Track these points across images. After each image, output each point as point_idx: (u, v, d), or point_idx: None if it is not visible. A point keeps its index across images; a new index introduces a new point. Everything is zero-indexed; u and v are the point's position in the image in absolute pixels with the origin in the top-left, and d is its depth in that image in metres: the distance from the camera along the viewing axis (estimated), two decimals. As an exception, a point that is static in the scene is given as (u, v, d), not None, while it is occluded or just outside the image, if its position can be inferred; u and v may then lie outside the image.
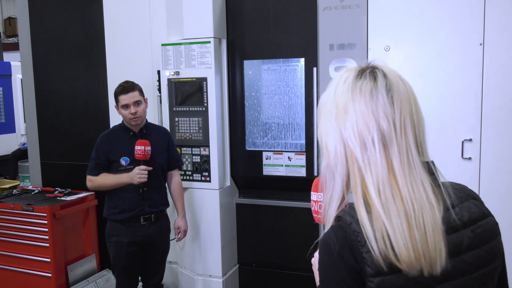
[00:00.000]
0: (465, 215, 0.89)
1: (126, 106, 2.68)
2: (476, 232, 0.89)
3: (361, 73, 0.91)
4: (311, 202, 1.08)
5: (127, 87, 2.70)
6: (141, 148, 2.64)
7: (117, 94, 2.71)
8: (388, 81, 0.89)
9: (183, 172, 3.23)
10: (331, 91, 0.94)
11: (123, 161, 2.71)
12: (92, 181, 2.74)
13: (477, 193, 2.52)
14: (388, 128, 0.86)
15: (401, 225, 0.82)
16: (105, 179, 2.71)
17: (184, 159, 3.22)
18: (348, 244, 0.85)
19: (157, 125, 3.02)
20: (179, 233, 2.97)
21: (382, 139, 0.86)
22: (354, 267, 0.84)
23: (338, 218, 0.89)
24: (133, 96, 2.69)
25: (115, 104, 2.77)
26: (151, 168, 2.69)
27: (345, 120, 0.88)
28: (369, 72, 0.90)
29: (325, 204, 0.94)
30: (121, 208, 2.72)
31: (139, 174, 2.63)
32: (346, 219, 0.87)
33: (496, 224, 0.95)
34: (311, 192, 1.07)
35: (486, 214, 0.94)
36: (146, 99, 2.81)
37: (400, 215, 0.83)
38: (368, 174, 0.86)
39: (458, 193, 0.92)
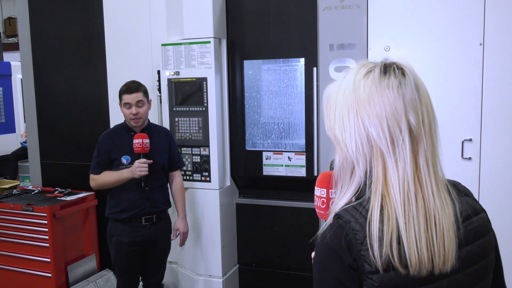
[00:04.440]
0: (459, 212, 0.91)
1: (128, 106, 2.70)
2: (469, 228, 0.91)
3: (386, 68, 0.89)
4: (315, 197, 1.05)
5: (132, 87, 2.72)
6: (139, 141, 2.66)
7: (121, 92, 2.74)
8: (415, 79, 0.89)
9: (183, 172, 3.23)
10: (346, 85, 0.91)
11: (124, 160, 2.73)
12: (95, 180, 2.75)
13: (477, 193, 2.52)
14: (416, 123, 0.85)
15: (418, 226, 0.82)
16: (107, 176, 2.72)
17: (184, 159, 3.21)
18: (347, 243, 0.85)
19: (159, 125, 3.03)
20: (177, 234, 2.95)
21: (411, 135, 0.85)
22: (351, 265, 0.85)
23: (337, 216, 0.89)
24: (137, 96, 2.71)
25: (119, 101, 2.78)
26: (151, 161, 2.70)
27: (369, 114, 0.86)
28: (396, 68, 0.89)
29: (336, 198, 0.93)
30: (123, 206, 2.72)
31: (139, 167, 2.64)
32: (346, 217, 0.87)
33: (488, 220, 0.97)
34: (315, 187, 1.04)
35: (478, 211, 0.95)
36: (150, 100, 2.83)
37: (419, 216, 0.83)
38: (395, 171, 0.85)
39: (453, 190, 0.93)
